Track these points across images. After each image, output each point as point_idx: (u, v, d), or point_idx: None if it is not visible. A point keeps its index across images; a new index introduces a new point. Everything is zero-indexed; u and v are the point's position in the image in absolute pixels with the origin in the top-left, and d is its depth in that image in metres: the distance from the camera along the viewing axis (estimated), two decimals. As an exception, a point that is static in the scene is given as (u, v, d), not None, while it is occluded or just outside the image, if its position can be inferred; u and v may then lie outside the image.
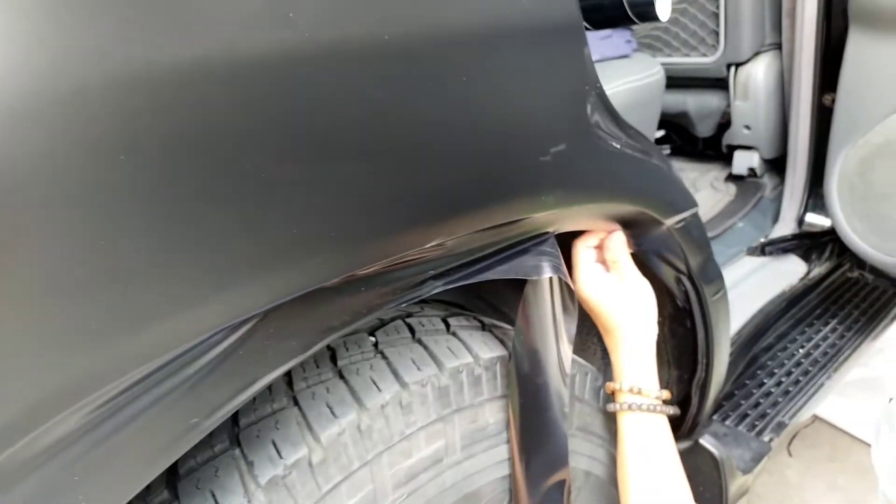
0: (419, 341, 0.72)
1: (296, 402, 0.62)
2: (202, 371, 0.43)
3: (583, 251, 0.81)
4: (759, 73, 1.62)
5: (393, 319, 0.77)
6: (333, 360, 0.68)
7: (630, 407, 0.79)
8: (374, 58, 0.46)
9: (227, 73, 0.39)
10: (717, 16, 1.62)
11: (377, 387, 0.63)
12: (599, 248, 0.83)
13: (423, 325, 0.76)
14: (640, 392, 0.79)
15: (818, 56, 1.46)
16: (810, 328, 1.61)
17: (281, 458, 0.56)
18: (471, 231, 0.58)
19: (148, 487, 0.54)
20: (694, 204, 0.84)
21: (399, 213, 0.51)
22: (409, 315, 0.79)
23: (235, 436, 0.60)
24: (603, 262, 0.84)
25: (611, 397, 0.84)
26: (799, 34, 1.47)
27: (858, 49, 1.33)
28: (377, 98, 0.47)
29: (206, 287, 0.41)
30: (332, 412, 0.60)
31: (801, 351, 1.53)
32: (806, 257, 1.59)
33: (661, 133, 2.08)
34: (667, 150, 2.10)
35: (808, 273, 1.55)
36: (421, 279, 0.57)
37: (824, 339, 1.57)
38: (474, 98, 0.54)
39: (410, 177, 0.50)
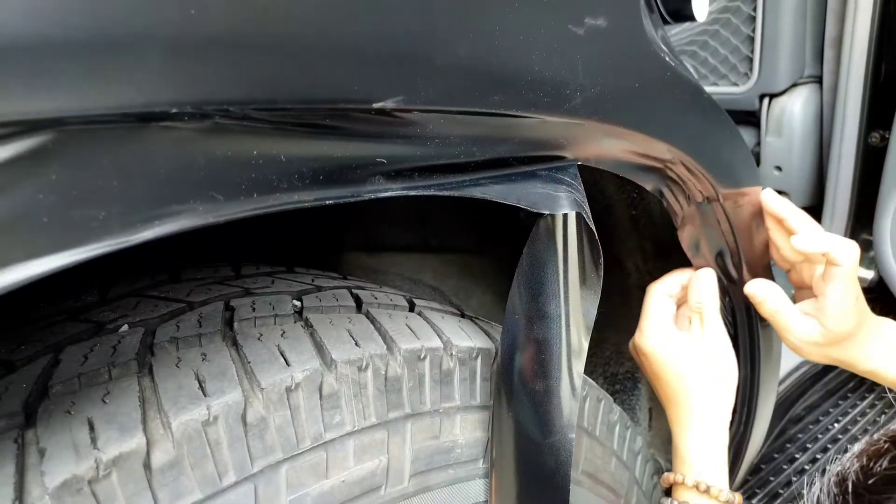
0: (367, 314, 0.49)
1: (150, 373, 0.38)
2: None
3: (658, 296, 0.61)
4: (795, 107, 1.44)
5: (336, 289, 0.54)
6: (229, 322, 0.44)
7: None
8: None
9: None
10: (752, 40, 1.45)
11: (284, 359, 0.40)
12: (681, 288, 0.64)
13: (375, 298, 0.52)
14: (707, 492, 0.58)
15: (867, 90, 1.31)
16: (845, 401, 1.37)
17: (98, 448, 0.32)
18: (454, 107, 0.36)
19: None
20: (758, 180, 0.63)
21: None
22: (361, 288, 0.56)
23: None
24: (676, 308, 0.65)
25: (665, 494, 0.62)
26: (846, 65, 1.33)
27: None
28: None
29: None
30: (202, 389, 0.36)
31: (836, 425, 1.29)
32: (844, 316, 1.36)
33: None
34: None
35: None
36: (363, 170, 0.34)
37: (863, 414, 1.33)
38: None
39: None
